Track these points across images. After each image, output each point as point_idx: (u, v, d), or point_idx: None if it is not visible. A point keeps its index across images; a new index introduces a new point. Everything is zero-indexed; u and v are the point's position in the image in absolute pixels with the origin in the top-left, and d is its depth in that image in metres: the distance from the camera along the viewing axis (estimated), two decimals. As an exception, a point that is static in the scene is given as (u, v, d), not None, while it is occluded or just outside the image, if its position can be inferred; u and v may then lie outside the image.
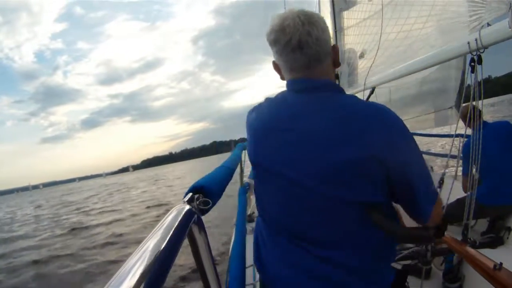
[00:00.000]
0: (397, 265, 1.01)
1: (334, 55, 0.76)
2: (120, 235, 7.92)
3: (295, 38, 0.69)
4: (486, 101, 1.40)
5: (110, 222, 10.04)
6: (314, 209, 0.70)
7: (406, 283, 0.78)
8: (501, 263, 0.91)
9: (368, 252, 0.70)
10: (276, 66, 0.79)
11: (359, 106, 0.70)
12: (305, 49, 0.70)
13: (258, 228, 0.84)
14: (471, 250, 1.06)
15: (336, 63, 0.77)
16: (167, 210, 0.49)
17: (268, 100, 0.81)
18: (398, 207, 0.78)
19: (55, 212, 16.81)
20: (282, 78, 0.80)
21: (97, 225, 9.93)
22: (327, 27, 0.73)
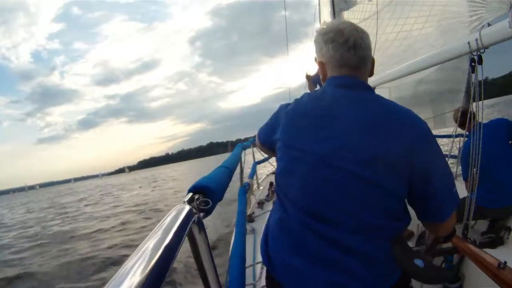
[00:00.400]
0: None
1: (372, 66, 0.87)
2: (94, 256, 6.21)
3: (351, 39, 0.80)
4: (484, 102, 1.39)
5: (92, 233, 8.67)
6: (337, 189, 0.72)
7: (410, 283, 0.79)
8: (505, 262, 0.91)
9: (382, 242, 0.72)
10: (322, 64, 0.87)
11: (394, 107, 0.77)
12: (358, 50, 0.81)
13: (269, 221, 0.86)
14: (476, 249, 1.06)
15: (371, 73, 0.88)
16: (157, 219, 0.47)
17: (307, 93, 0.88)
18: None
19: (42, 217, 15.31)
20: (325, 75, 0.87)
21: (78, 237, 8.53)
22: (370, 41, 0.85)
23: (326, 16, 3.89)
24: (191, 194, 0.57)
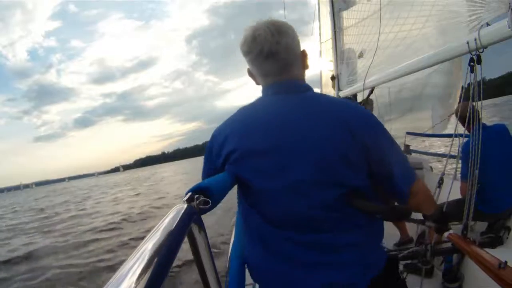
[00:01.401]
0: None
1: (303, 60, 0.83)
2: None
3: (266, 48, 0.75)
4: (483, 102, 1.39)
5: (55, 251, 6.80)
6: (298, 195, 0.73)
7: (400, 273, 0.81)
8: (506, 262, 0.91)
9: (354, 232, 0.75)
10: (251, 73, 0.86)
11: (334, 102, 0.81)
12: (276, 56, 0.76)
13: (246, 225, 0.86)
14: (476, 248, 1.06)
15: (305, 66, 0.85)
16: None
17: (243, 108, 0.85)
18: None
19: (18, 224, 12.79)
20: (257, 83, 0.86)
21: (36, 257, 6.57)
22: (296, 35, 0.80)
23: (326, 16, 3.90)
24: (190, 193, 0.56)
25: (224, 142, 0.80)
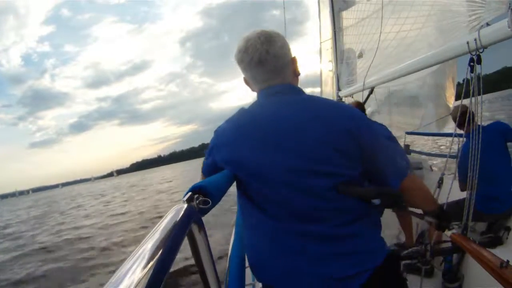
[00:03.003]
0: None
1: (293, 66, 0.89)
2: None
3: (255, 57, 0.82)
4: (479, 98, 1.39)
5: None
6: (295, 187, 0.76)
7: (403, 274, 0.81)
8: (507, 261, 0.91)
9: (351, 222, 0.77)
10: (246, 81, 0.92)
11: (324, 101, 0.86)
12: (265, 64, 0.83)
13: (246, 220, 0.88)
14: (478, 247, 1.06)
15: (296, 72, 0.90)
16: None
17: (241, 109, 0.90)
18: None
19: None
20: (253, 90, 0.92)
21: None
22: (285, 43, 0.86)
23: (326, 16, 3.90)
24: (190, 193, 0.56)
25: (223, 145, 0.85)
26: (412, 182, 0.84)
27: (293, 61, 0.88)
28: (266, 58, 0.82)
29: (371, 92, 2.88)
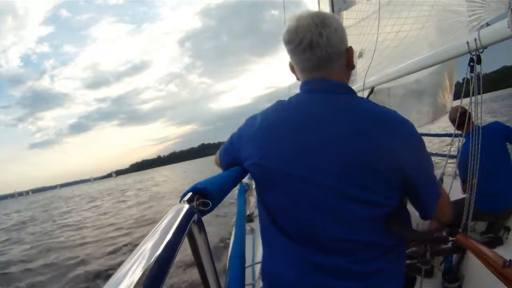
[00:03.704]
0: None
1: (348, 57, 0.76)
2: None
3: (306, 39, 0.70)
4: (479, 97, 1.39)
5: None
6: (323, 209, 0.67)
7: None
8: (510, 260, 0.91)
9: (377, 257, 0.68)
10: (292, 67, 0.80)
11: (374, 110, 0.70)
12: (315, 50, 0.70)
13: (263, 235, 0.81)
14: (481, 246, 1.06)
15: (350, 65, 0.77)
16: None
17: (278, 102, 0.79)
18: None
19: None
20: (298, 78, 0.80)
21: None
22: (341, 29, 0.73)
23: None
24: (190, 193, 0.56)
25: (248, 142, 0.77)
26: (443, 202, 0.75)
27: (349, 51, 0.75)
28: (318, 41, 0.70)
29: (371, 92, 2.88)
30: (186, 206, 0.49)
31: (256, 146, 0.75)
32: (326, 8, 3.58)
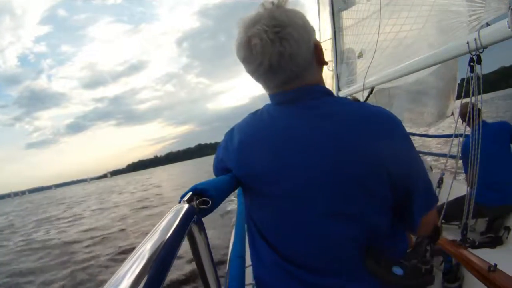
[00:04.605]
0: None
1: (317, 56, 0.67)
2: None
3: (265, 63, 0.61)
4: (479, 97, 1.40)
5: None
6: (307, 228, 0.63)
7: None
8: (495, 265, 0.91)
9: (368, 278, 0.63)
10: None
11: (355, 112, 0.62)
12: (278, 73, 0.63)
13: (253, 248, 0.76)
14: (466, 252, 1.06)
15: (322, 62, 0.69)
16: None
17: (250, 116, 0.74)
18: None
19: None
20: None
21: None
22: (303, 27, 0.63)
23: (326, 16, 3.89)
24: (190, 193, 0.56)
25: (229, 161, 0.73)
26: (431, 217, 0.68)
27: (316, 49, 0.66)
28: (280, 63, 0.61)
29: (371, 92, 2.88)
30: (186, 206, 0.49)
31: (237, 167, 0.70)
32: (326, 8, 3.58)
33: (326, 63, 0.71)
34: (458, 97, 1.44)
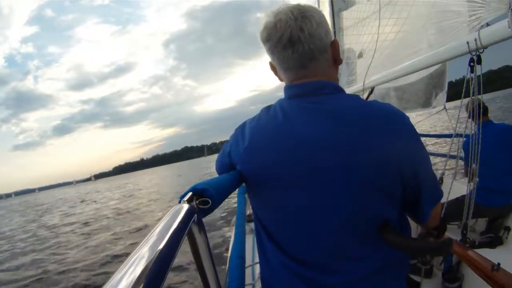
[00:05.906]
0: None
1: (333, 52, 0.70)
2: None
3: (286, 35, 0.65)
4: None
5: None
6: (320, 227, 0.64)
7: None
8: (498, 264, 0.91)
9: (380, 272, 0.65)
10: (273, 67, 0.75)
11: (366, 110, 0.63)
12: (296, 46, 0.65)
13: (260, 248, 0.77)
14: (469, 251, 1.06)
15: (337, 60, 0.72)
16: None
17: (264, 111, 0.74)
18: None
19: None
20: (280, 79, 0.76)
21: None
22: (324, 21, 0.68)
23: (326, 16, 3.89)
24: (190, 193, 0.56)
25: (237, 158, 0.73)
26: (438, 209, 0.71)
27: (333, 45, 0.69)
28: (299, 36, 0.64)
29: (371, 92, 2.88)
30: (186, 206, 0.49)
31: (246, 164, 0.71)
32: (326, 9, 3.58)
33: (341, 62, 0.73)
34: (458, 97, 1.44)
